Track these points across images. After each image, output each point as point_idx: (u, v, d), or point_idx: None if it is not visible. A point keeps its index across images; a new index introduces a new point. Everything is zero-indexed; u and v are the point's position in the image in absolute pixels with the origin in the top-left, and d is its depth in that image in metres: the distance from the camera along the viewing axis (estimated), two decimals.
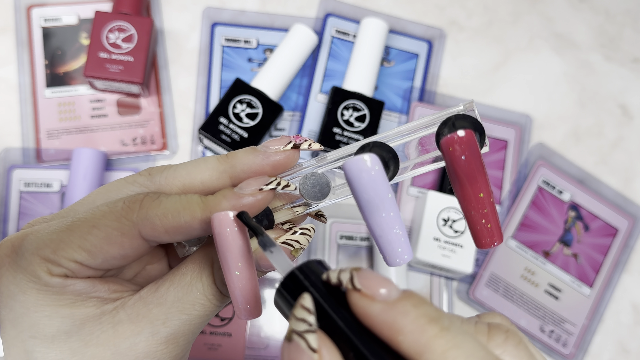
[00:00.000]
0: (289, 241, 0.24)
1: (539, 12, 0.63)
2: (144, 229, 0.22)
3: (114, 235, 0.22)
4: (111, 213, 0.23)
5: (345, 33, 0.58)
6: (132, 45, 0.52)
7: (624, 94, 0.62)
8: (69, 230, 0.23)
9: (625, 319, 0.56)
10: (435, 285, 0.54)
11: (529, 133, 0.59)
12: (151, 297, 0.23)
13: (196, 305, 0.23)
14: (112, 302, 0.23)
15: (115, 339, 0.22)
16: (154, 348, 0.23)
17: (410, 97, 0.58)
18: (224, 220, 0.21)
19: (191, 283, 0.23)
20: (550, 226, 0.57)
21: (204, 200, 0.23)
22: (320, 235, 0.54)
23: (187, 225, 0.22)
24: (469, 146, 0.21)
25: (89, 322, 0.23)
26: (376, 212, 0.21)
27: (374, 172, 0.20)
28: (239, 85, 0.53)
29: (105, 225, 0.22)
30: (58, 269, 0.22)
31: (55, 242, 0.22)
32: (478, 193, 0.21)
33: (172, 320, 0.23)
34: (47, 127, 0.53)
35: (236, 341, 0.48)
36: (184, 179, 0.25)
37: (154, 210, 0.22)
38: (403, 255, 0.21)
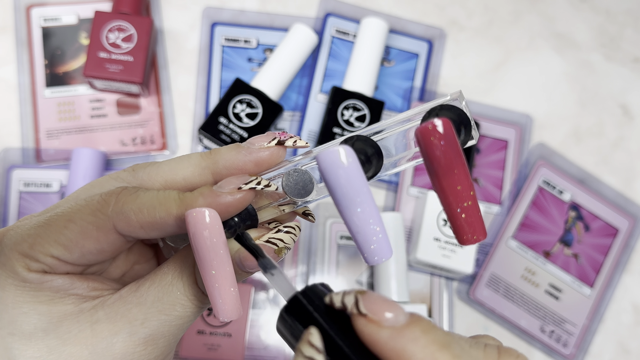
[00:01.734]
0: (272, 240, 0.23)
1: (539, 12, 0.63)
2: (119, 223, 0.22)
3: (89, 229, 0.22)
4: (87, 207, 0.22)
5: (346, 33, 0.58)
6: (132, 45, 0.52)
7: (625, 93, 0.62)
8: (46, 225, 0.22)
9: (626, 319, 0.56)
10: (435, 285, 0.54)
11: (530, 133, 0.59)
12: (131, 296, 0.23)
13: (176, 306, 0.23)
14: (91, 300, 0.23)
15: (93, 338, 0.22)
16: (131, 349, 0.22)
17: (410, 97, 0.58)
18: (198, 218, 0.21)
19: (172, 283, 0.23)
20: (550, 226, 0.56)
21: (181, 197, 0.22)
22: (320, 235, 0.54)
23: (162, 221, 0.22)
24: (445, 136, 0.19)
25: (66, 320, 0.22)
26: (351, 207, 0.20)
27: (347, 165, 0.19)
28: (238, 85, 0.53)
29: (80, 219, 0.22)
30: (35, 265, 0.22)
31: (32, 237, 0.22)
32: (456, 186, 0.20)
33: (151, 321, 0.22)
34: (47, 127, 0.53)
35: (236, 341, 0.48)
36: (166, 175, 0.24)
37: (129, 205, 0.22)
38: (381, 253, 0.20)
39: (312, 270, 0.53)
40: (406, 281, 0.50)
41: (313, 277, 0.52)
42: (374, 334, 0.17)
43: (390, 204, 0.56)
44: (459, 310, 0.54)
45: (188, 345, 0.47)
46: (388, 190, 0.56)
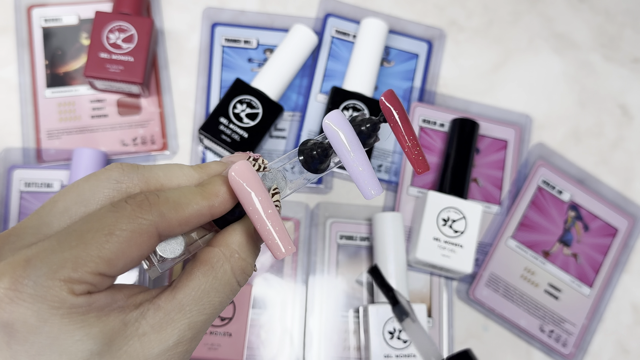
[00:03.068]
0: None
1: (538, 12, 0.63)
2: (161, 225, 0.23)
3: (132, 237, 0.22)
4: (123, 216, 0.22)
5: (345, 33, 0.58)
6: (133, 46, 0.52)
7: (624, 94, 0.62)
8: (82, 243, 0.22)
9: (625, 319, 0.57)
10: (435, 285, 0.54)
11: (529, 133, 0.59)
12: (169, 305, 0.24)
13: (215, 304, 0.25)
14: (131, 310, 0.23)
15: (144, 350, 0.23)
16: (180, 348, 0.24)
17: (410, 97, 0.58)
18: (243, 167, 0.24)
19: (210, 284, 0.25)
20: (550, 226, 0.57)
21: (206, 189, 0.25)
22: (320, 235, 0.54)
23: (193, 214, 0.24)
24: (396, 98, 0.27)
25: (116, 338, 0.23)
26: (347, 154, 0.26)
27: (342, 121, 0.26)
28: (239, 85, 0.53)
29: (122, 230, 0.22)
30: (81, 287, 0.22)
31: (72, 260, 0.21)
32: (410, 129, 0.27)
33: (196, 323, 0.24)
34: (48, 127, 0.53)
35: (236, 341, 0.48)
36: (161, 179, 0.25)
37: (167, 206, 0.23)
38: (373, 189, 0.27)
39: (312, 270, 0.53)
40: (406, 281, 0.50)
41: (313, 277, 0.53)
42: None
43: (390, 203, 0.56)
44: (459, 310, 0.54)
45: None
46: (388, 190, 0.56)
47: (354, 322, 0.52)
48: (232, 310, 0.49)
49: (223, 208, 0.25)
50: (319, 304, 0.52)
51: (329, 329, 0.52)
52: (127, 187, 0.24)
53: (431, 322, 0.53)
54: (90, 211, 0.24)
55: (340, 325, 0.52)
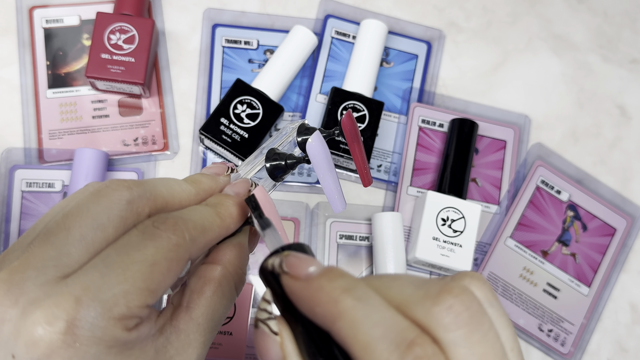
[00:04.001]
0: None
1: (537, 13, 0.63)
2: (193, 250, 0.24)
3: (172, 265, 0.23)
4: (162, 246, 0.22)
5: (345, 34, 0.59)
6: (134, 46, 0.52)
7: (622, 94, 0.62)
8: (129, 277, 0.21)
9: (623, 318, 0.57)
10: None
11: (528, 133, 0.59)
12: (188, 326, 0.25)
13: (220, 312, 0.26)
14: (158, 337, 0.24)
15: None
16: (202, 356, 0.25)
17: (409, 97, 0.58)
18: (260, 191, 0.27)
19: (216, 299, 0.26)
20: (548, 226, 0.57)
21: (217, 212, 0.26)
22: (320, 234, 0.54)
23: (218, 236, 0.25)
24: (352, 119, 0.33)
25: None
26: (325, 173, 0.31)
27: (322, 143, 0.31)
28: (239, 86, 0.53)
29: (165, 259, 0.22)
30: (132, 321, 0.21)
31: (121, 296, 0.21)
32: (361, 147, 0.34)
33: (209, 340, 0.25)
34: (49, 128, 0.54)
35: (237, 340, 0.49)
36: (166, 197, 0.25)
37: (194, 231, 0.24)
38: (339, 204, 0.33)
39: None
40: None
41: None
42: (292, 287, 0.20)
43: (389, 203, 0.56)
44: None
45: None
46: (388, 190, 0.56)
47: None
48: (233, 310, 0.49)
49: (235, 228, 0.27)
50: None
51: None
52: (137, 207, 0.24)
53: None
54: (108, 236, 0.23)
55: None
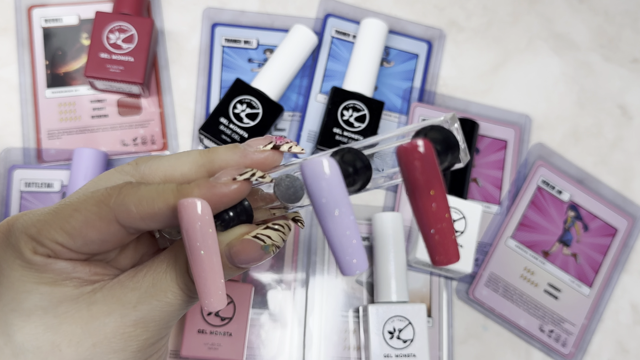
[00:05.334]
0: (260, 235, 0.24)
1: (538, 13, 0.63)
2: (120, 215, 0.23)
3: (92, 219, 0.23)
4: (92, 198, 0.23)
5: (345, 33, 0.59)
6: (133, 46, 0.52)
7: (623, 94, 0.62)
8: (54, 212, 0.24)
9: (625, 319, 0.57)
10: (434, 285, 0.54)
11: (529, 133, 0.59)
12: (128, 281, 0.24)
13: (167, 293, 0.24)
14: (91, 283, 0.24)
15: (88, 317, 0.24)
16: (121, 329, 0.24)
17: (410, 97, 0.58)
18: (190, 208, 0.22)
19: (166, 270, 0.24)
20: (549, 226, 0.57)
21: (179, 188, 0.23)
22: (320, 235, 0.54)
23: (160, 212, 0.23)
24: (424, 157, 0.20)
25: (66, 301, 0.24)
26: (329, 218, 0.20)
27: (329, 176, 0.20)
28: (239, 85, 0.53)
29: (85, 209, 0.23)
30: (42, 249, 0.23)
31: (40, 223, 0.23)
32: (430, 206, 0.20)
33: (143, 305, 0.24)
34: (48, 128, 0.53)
35: (236, 341, 0.48)
36: (166, 170, 0.26)
37: (130, 197, 0.23)
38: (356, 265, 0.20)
39: (312, 270, 0.53)
40: (405, 281, 0.50)
41: (313, 277, 0.53)
42: None
43: (390, 204, 0.56)
44: (458, 310, 0.54)
45: (188, 345, 0.48)
46: (388, 190, 0.56)
47: (354, 322, 0.52)
48: (232, 310, 0.49)
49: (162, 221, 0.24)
50: (319, 304, 0.52)
51: (329, 328, 0.52)
52: (133, 177, 0.25)
53: (431, 321, 0.53)
54: None
55: (340, 325, 0.52)
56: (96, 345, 0.23)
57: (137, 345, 0.24)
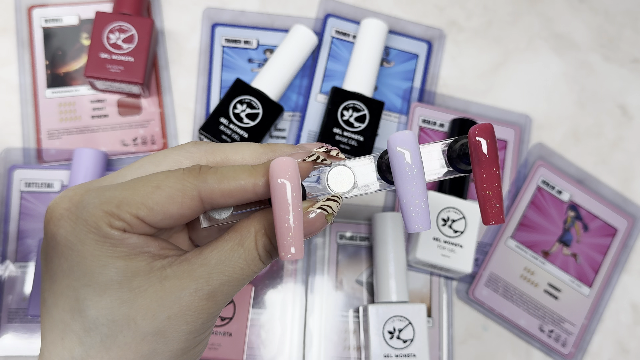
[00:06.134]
0: (324, 206, 0.26)
1: (538, 13, 0.63)
2: (204, 191, 0.25)
3: (176, 195, 0.25)
4: (173, 176, 0.25)
5: (345, 34, 0.59)
6: (133, 46, 0.52)
7: (624, 94, 0.62)
8: (132, 188, 0.25)
9: (625, 319, 0.57)
10: (434, 285, 0.54)
11: (529, 133, 0.59)
12: (195, 258, 0.26)
13: (236, 268, 0.26)
14: (160, 259, 0.26)
15: (162, 292, 0.25)
16: (195, 303, 0.25)
17: (410, 97, 0.58)
18: (287, 163, 0.24)
19: (233, 249, 0.26)
20: (549, 226, 0.57)
21: (256, 168, 0.25)
22: (320, 234, 0.54)
23: (242, 187, 0.25)
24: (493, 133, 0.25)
25: (139, 276, 0.25)
26: (405, 181, 0.25)
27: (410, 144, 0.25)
28: (239, 85, 0.53)
29: (168, 186, 0.25)
30: (119, 223, 0.24)
31: (119, 199, 0.24)
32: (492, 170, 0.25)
33: (214, 280, 0.25)
34: (48, 128, 0.54)
35: (236, 341, 0.48)
36: (228, 153, 0.27)
37: (212, 175, 0.25)
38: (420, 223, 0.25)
39: (312, 270, 0.53)
40: (405, 281, 0.50)
41: (313, 277, 0.53)
42: None
43: (389, 203, 0.56)
44: (458, 310, 0.55)
45: None
46: (388, 191, 0.56)
47: (354, 322, 0.52)
48: (232, 310, 0.49)
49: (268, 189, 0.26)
50: (319, 303, 0.52)
51: (329, 328, 0.52)
52: (195, 157, 0.27)
53: (431, 321, 0.53)
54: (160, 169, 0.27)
55: (340, 325, 0.52)
56: (170, 318, 0.25)
57: (206, 317, 0.26)
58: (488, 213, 0.26)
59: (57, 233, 0.25)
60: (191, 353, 0.27)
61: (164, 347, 0.25)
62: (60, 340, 0.25)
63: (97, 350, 0.24)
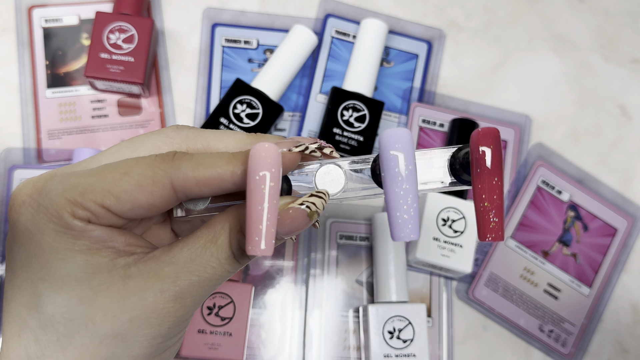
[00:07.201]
0: (306, 202, 0.24)
1: (538, 13, 0.63)
2: (177, 179, 0.23)
3: (146, 182, 0.23)
4: (144, 162, 0.23)
5: (345, 34, 0.59)
6: (133, 46, 0.52)
7: (623, 94, 0.62)
8: (99, 175, 0.23)
9: (625, 319, 0.57)
10: (434, 285, 0.54)
11: (528, 133, 0.59)
12: (164, 256, 0.24)
13: (207, 268, 0.24)
14: (125, 255, 0.24)
15: (124, 291, 0.23)
16: (160, 305, 0.23)
17: (409, 97, 0.58)
18: (269, 150, 0.22)
19: (205, 246, 0.24)
20: (549, 226, 0.57)
21: (235, 155, 0.23)
22: (320, 234, 0.54)
23: (218, 176, 0.23)
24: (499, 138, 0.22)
25: (100, 273, 0.23)
26: (394, 184, 0.22)
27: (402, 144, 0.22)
28: (239, 85, 0.53)
29: (137, 173, 0.23)
30: (83, 212, 0.22)
31: (83, 186, 0.22)
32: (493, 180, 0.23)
33: (182, 280, 0.23)
34: (48, 128, 0.54)
35: (236, 341, 0.48)
36: (210, 140, 0.25)
37: (187, 162, 0.23)
38: (408, 233, 0.22)
39: (312, 270, 0.53)
40: (405, 280, 0.50)
41: (313, 277, 0.53)
42: None
43: None
44: (458, 310, 0.55)
45: (188, 345, 0.48)
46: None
47: (354, 322, 0.52)
48: (232, 310, 0.49)
49: (233, 186, 0.24)
50: (319, 304, 0.52)
51: (329, 328, 0.52)
52: (175, 142, 0.25)
53: (431, 321, 0.53)
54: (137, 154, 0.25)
55: (340, 325, 0.52)
56: (133, 320, 0.23)
57: (173, 320, 0.23)
58: (485, 228, 0.23)
59: (17, 221, 0.23)
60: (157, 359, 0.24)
61: (124, 352, 0.23)
62: (17, 337, 0.23)
63: (52, 350, 0.22)
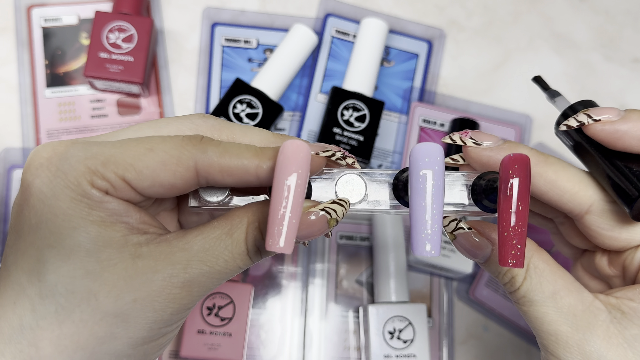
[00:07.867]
0: (327, 208, 0.23)
1: (538, 12, 0.63)
2: (202, 162, 0.22)
3: (170, 161, 0.22)
4: (171, 141, 0.23)
5: (345, 33, 0.58)
6: (132, 45, 0.52)
7: (624, 93, 0.62)
8: (123, 147, 0.22)
9: None
10: (435, 285, 0.54)
11: (529, 133, 0.59)
12: (177, 241, 0.23)
13: (219, 260, 0.23)
14: (138, 233, 0.23)
15: (133, 270, 0.22)
16: (167, 290, 0.22)
17: (410, 97, 0.58)
18: (300, 146, 0.21)
19: (220, 237, 0.23)
20: None
21: (263, 150, 0.23)
22: None
23: (243, 167, 0.23)
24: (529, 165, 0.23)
25: (110, 247, 0.22)
26: (419, 198, 0.22)
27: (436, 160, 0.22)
28: (239, 85, 0.53)
29: (163, 151, 0.22)
30: (102, 182, 0.22)
31: (106, 156, 0.22)
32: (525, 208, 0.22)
33: (193, 268, 0.23)
34: (48, 127, 0.53)
35: (236, 341, 0.48)
36: (236, 132, 0.25)
37: (214, 148, 0.23)
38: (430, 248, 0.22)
39: (312, 270, 0.53)
40: (406, 281, 0.50)
41: (313, 277, 0.53)
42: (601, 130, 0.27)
43: None
44: (459, 310, 0.54)
45: (188, 345, 0.48)
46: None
47: (354, 322, 0.52)
48: (232, 310, 0.49)
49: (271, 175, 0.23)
50: (319, 304, 0.52)
51: (329, 329, 0.52)
52: (200, 129, 0.25)
53: (431, 322, 0.53)
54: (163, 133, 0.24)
55: (340, 325, 0.52)
56: (137, 301, 0.22)
57: (177, 307, 0.23)
58: (507, 253, 0.22)
59: (32, 183, 0.22)
60: (153, 344, 0.24)
61: (123, 332, 0.22)
62: (12, 304, 0.22)
63: (48, 322, 0.22)
